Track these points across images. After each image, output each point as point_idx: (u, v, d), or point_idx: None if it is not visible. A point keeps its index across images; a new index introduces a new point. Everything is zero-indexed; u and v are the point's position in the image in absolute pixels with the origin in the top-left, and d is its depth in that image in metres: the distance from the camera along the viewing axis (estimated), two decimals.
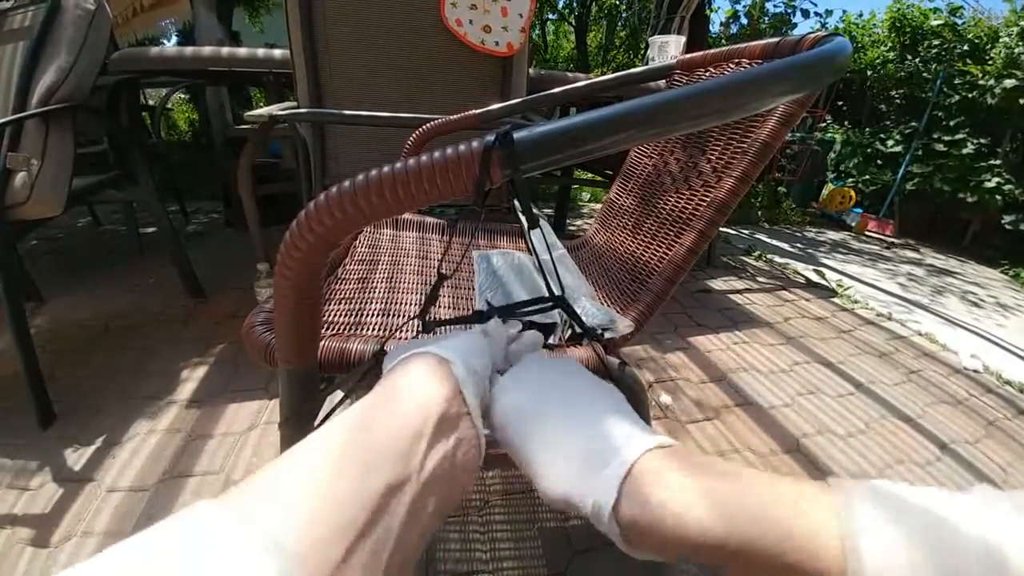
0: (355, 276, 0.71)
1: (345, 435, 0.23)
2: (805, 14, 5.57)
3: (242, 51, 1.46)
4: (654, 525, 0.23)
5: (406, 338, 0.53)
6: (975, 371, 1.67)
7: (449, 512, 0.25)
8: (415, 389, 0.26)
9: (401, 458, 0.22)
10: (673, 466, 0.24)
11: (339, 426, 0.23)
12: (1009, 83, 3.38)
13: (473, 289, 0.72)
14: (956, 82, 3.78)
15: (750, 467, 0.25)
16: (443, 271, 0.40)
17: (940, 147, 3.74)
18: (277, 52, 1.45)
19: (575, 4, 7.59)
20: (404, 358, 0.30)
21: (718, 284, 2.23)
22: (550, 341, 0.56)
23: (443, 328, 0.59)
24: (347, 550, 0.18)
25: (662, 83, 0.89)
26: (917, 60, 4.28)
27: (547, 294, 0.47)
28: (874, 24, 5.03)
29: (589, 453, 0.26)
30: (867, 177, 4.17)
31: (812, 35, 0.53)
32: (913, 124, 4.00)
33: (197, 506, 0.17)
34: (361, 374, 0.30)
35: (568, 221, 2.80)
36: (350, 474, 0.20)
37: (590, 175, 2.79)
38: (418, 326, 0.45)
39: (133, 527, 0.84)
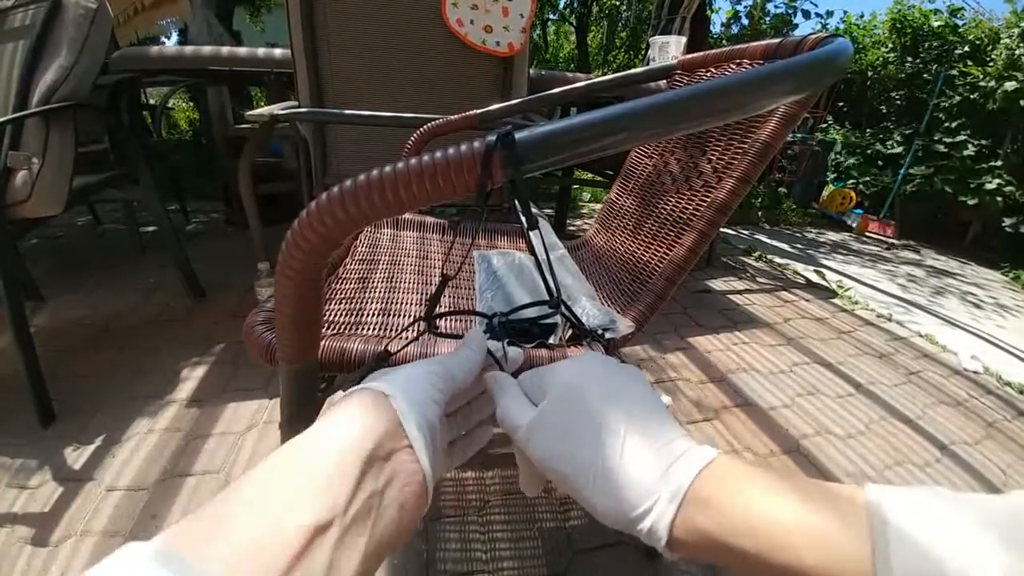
0: (355, 276, 0.71)
1: (271, 474, 0.22)
2: (806, 15, 5.58)
3: (242, 50, 1.46)
4: (709, 548, 0.24)
5: (407, 338, 0.53)
6: (975, 372, 1.67)
7: (390, 551, 0.24)
8: (343, 426, 0.25)
9: (322, 498, 0.21)
10: (726, 486, 0.25)
11: (267, 465, 0.23)
12: (1010, 86, 3.38)
13: (473, 289, 0.72)
14: (957, 83, 3.78)
15: (795, 475, 0.25)
16: (446, 272, 0.40)
17: (941, 148, 3.74)
18: (277, 51, 1.45)
19: (576, 4, 7.59)
20: (342, 396, 0.29)
21: (718, 284, 2.23)
22: (551, 341, 0.56)
23: (446, 325, 0.59)
24: None
25: (663, 83, 0.89)
26: (918, 61, 4.28)
27: (545, 292, 0.47)
28: (875, 25, 5.04)
29: (644, 482, 0.26)
30: (868, 178, 4.18)
31: (813, 36, 0.53)
32: (914, 125, 4.00)
33: (128, 550, 0.18)
34: (362, 376, 0.30)
35: (568, 221, 2.80)
36: (271, 516, 0.20)
37: (590, 175, 2.79)
38: (421, 327, 0.45)
39: (132, 526, 0.84)
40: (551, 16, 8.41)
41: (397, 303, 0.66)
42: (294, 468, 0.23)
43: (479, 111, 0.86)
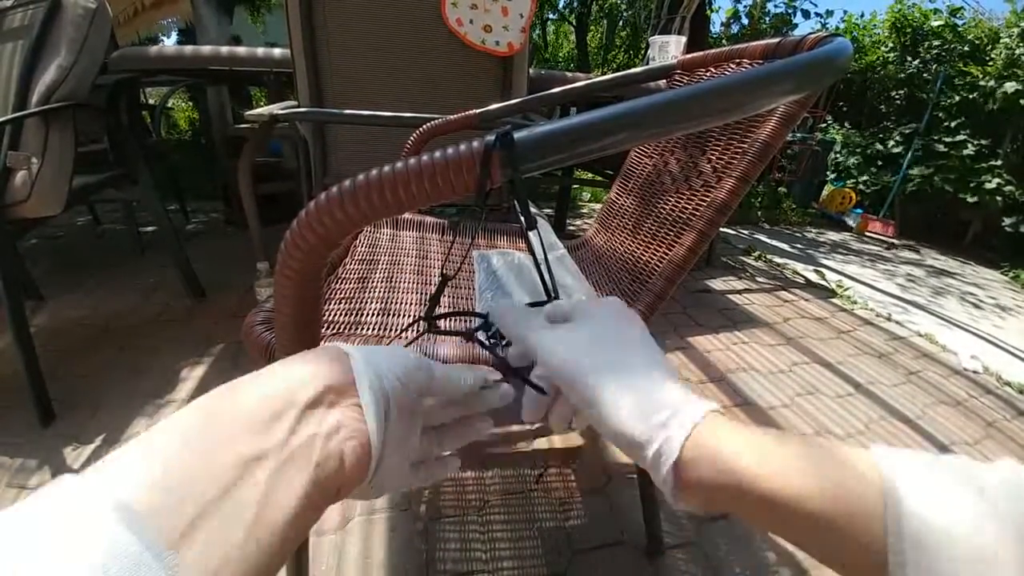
0: (355, 275, 0.71)
1: (205, 408, 0.22)
2: (806, 14, 5.57)
3: (242, 50, 1.46)
4: (716, 479, 0.24)
5: (407, 337, 0.53)
6: (975, 372, 1.67)
7: (328, 502, 0.24)
8: (292, 367, 0.25)
9: (259, 432, 0.21)
10: (731, 429, 0.25)
11: (204, 399, 0.23)
12: (1010, 87, 3.38)
13: (473, 289, 0.72)
14: (956, 83, 3.78)
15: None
16: (446, 272, 0.40)
17: (940, 148, 3.74)
18: (277, 51, 1.45)
19: (575, 4, 7.59)
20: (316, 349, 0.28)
21: (718, 284, 2.23)
22: None
23: (447, 325, 0.59)
24: (193, 519, 0.18)
25: (663, 83, 0.89)
26: (918, 61, 4.28)
27: (544, 293, 0.47)
28: (875, 25, 5.03)
29: (655, 403, 0.26)
30: (867, 178, 4.18)
31: (813, 35, 0.53)
32: (913, 125, 4.00)
33: (58, 480, 0.18)
34: None
35: (568, 221, 2.80)
36: (202, 447, 0.20)
37: (590, 175, 2.79)
38: (421, 327, 0.45)
39: None
40: (551, 16, 8.40)
41: (397, 303, 0.66)
42: (230, 404, 0.22)
43: (478, 111, 0.86)
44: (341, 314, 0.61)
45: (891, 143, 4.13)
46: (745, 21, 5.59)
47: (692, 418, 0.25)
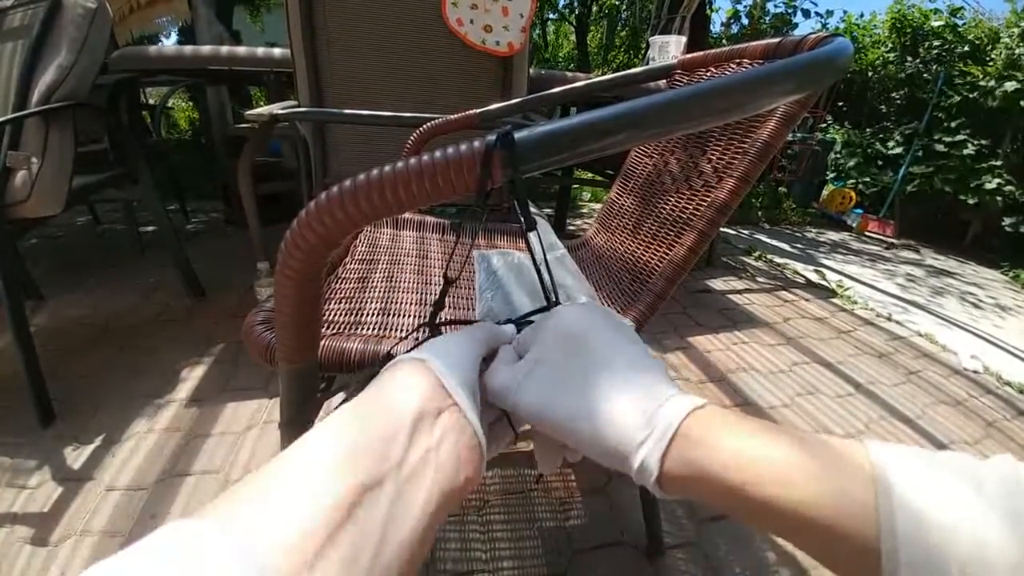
0: (355, 275, 0.71)
1: (322, 440, 0.23)
2: (806, 14, 5.57)
3: (241, 50, 1.46)
4: (700, 481, 0.24)
5: (408, 339, 0.53)
6: (975, 372, 1.67)
7: (455, 504, 0.25)
8: (387, 391, 0.26)
9: (376, 456, 0.22)
10: (716, 427, 0.25)
11: (317, 432, 0.23)
12: (1010, 86, 3.38)
13: (473, 289, 0.72)
14: (957, 83, 3.78)
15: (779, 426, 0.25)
16: (449, 275, 0.40)
17: (941, 148, 3.74)
18: (276, 51, 1.45)
19: (575, 4, 7.59)
20: (382, 370, 0.29)
21: (718, 284, 2.23)
22: None
23: (448, 330, 0.59)
24: (318, 550, 0.18)
25: (663, 83, 0.89)
26: (918, 61, 4.28)
27: (544, 298, 0.47)
28: (875, 25, 5.03)
29: (629, 423, 0.26)
30: (867, 178, 4.17)
31: (813, 35, 0.53)
32: (913, 125, 4.00)
33: (178, 525, 0.18)
34: (367, 378, 0.29)
35: (568, 221, 2.80)
36: (323, 477, 0.20)
37: (590, 175, 2.79)
38: (425, 332, 0.45)
39: (132, 526, 0.84)
40: (551, 16, 8.40)
41: (397, 303, 0.66)
42: (343, 433, 0.23)
43: (479, 111, 0.86)
44: (341, 314, 0.61)
45: (891, 143, 4.13)
46: (745, 21, 5.59)
47: (668, 430, 0.25)
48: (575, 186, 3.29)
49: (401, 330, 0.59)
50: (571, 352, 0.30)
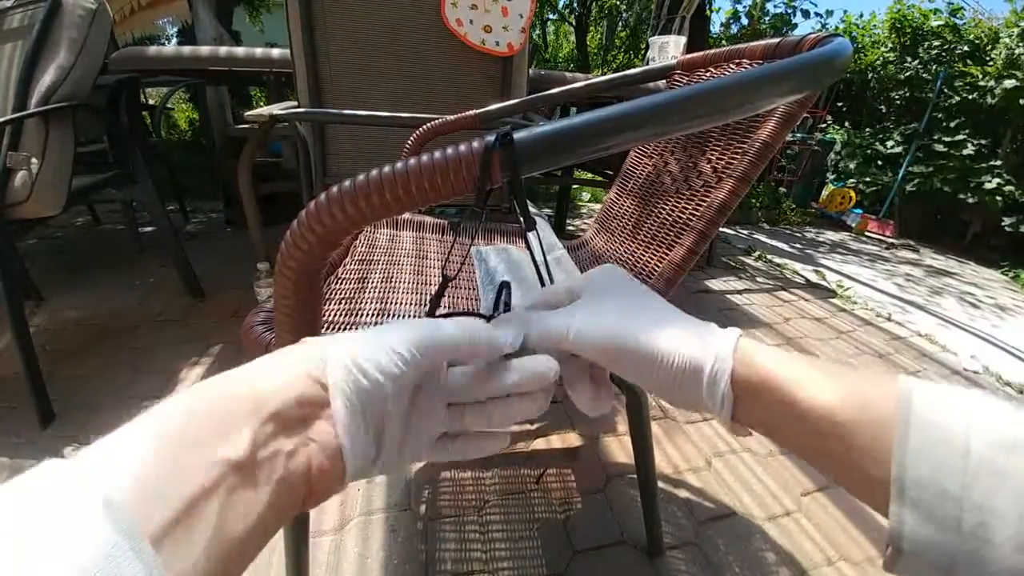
0: (355, 276, 0.71)
1: (184, 404, 0.22)
2: (805, 14, 5.58)
3: (240, 50, 1.45)
4: (768, 385, 0.25)
5: None
6: (975, 372, 1.67)
7: (292, 510, 0.23)
8: (269, 372, 0.24)
9: (228, 440, 0.21)
10: (762, 348, 0.27)
11: (184, 395, 0.23)
12: (1009, 83, 3.38)
13: (472, 288, 0.72)
14: (956, 83, 3.78)
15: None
16: (447, 274, 0.40)
17: (940, 148, 3.74)
18: (276, 52, 1.45)
19: (575, 4, 7.59)
20: (292, 347, 0.27)
21: (717, 284, 2.23)
22: None
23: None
24: (167, 522, 0.18)
25: (663, 83, 0.89)
26: (917, 61, 4.29)
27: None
28: (874, 25, 5.04)
29: (698, 334, 0.28)
30: (867, 178, 4.18)
31: (813, 36, 0.53)
32: (913, 125, 4.00)
33: (46, 465, 0.18)
34: None
35: (568, 221, 2.80)
36: (178, 444, 0.20)
37: (590, 175, 2.79)
38: None
39: None
40: (551, 16, 8.41)
41: (396, 303, 0.66)
42: (206, 405, 0.22)
43: (478, 111, 0.86)
44: (340, 314, 0.61)
45: (891, 143, 4.13)
46: (745, 21, 5.60)
47: (732, 336, 0.28)
48: (574, 186, 3.29)
49: None
50: (621, 294, 0.33)
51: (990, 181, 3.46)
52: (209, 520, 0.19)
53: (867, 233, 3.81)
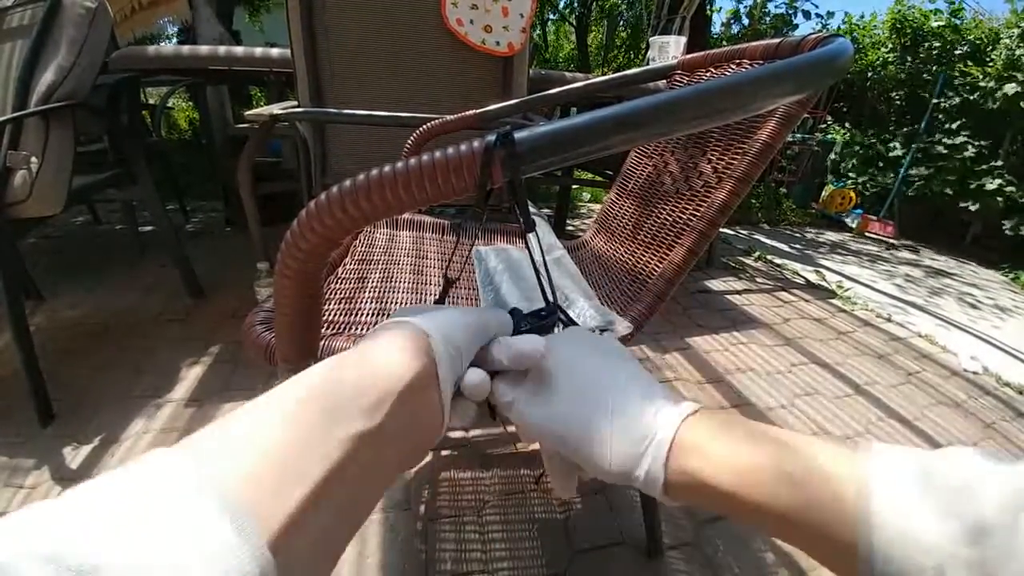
0: (355, 276, 0.71)
1: (307, 387, 0.22)
2: (806, 15, 5.57)
3: (240, 50, 1.45)
4: (697, 490, 0.25)
5: None
6: (974, 373, 1.67)
7: (403, 471, 0.27)
8: (387, 356, 0.26)
9: (366, 415, 0.22)
10: (710, 433, 0.26)
11: (304, 377, 0.23)
12: (1010, 88, 3.38)
13: (472, 288, 0.72)
14: (957, 84, 3.78)
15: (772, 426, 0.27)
16: (449, 275, 0.40)
17: (941, 149, 3.74)
18: (275, 51, 1.45)
19: (576, 4, 7.59)
20: (384, 324, 0.29)
21: (717, 285, 2.23)
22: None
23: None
24: (301, 502, 0.17)
25: (663, 84, 0.89)
26: (918, 61, 4.28)
27: (541, 295, 0.48)
28: (875, 25, 5.03)
29: (631, 436, 0.28)
30: (867, 178, 4.17)
31: (813, 36, 0.53)
32: (914, 126, 4.00)
33: (154, 455, 0.17)
34: None
35: (568, 221, 2.80)
36: (309, 423, 0.20)
37: (590, 175, 2.79)
38: None
39: None
40: (551, 16, 8.41)
41: (396, 303, 0.66)
42: (335, 385, 0.23)
43: (478, 111, 0.86)
44: (340, 314, 0.61)
45: (891, 144, 4.13)
46: (745, 21, 5.60)
47: (664, 442, 0.26)
48: (575, 186, 3.29)
49: None
50: (568, 376, 0.31)
51: (991, 182, 3.45)
52: (353, 501, 0.20)
53: (867, 234, 3.81)
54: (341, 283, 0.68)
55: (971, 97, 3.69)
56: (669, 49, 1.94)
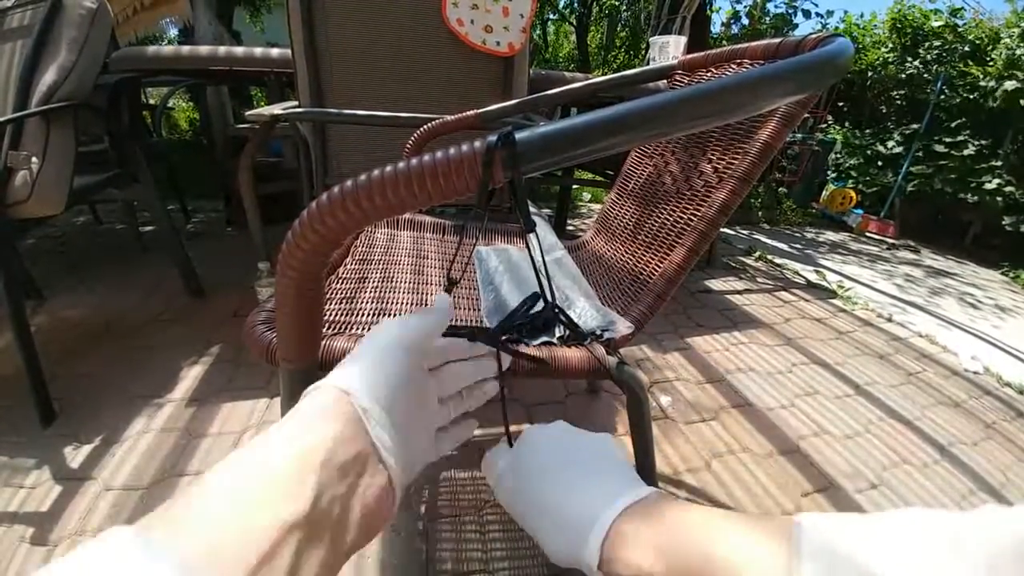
0: (355, 275, 0.71)
1: (239, 466, 0.23)
2: (806, 15, 5.57)
3: (240, 50, 1.45)
4: None
5: None
6: (975, 373, 1.67)
7: (357, 547, 0.25)
8: (303, 429, 0.25)
9: (289, 497, 0.22)
10: (643, 526, 0.29)
11: (234, 457, 0.23)
12: (1010, 85, 3.38)
13: (472, 288, 0.72)
14: (957, 83, 3.78)
15: (715, 509, 0.29)
16: (452, 276, 0.41)
17: (941, 148, 3.74)
18: (275, 52, 1.45)
19: (576, 4, 7.60)
20: (308, 391, 0.29)
21: (718, 284, 2.23)
22: (556, 335, 0.56)
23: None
24: (250, 568, 0.18)
25: (663, 84, 0.89)
26: (918, 61, 4.28)
27: (541, 295, 0.48)
28: (875, 25, 5.03)
29: (578, 523, 0.31)
30: (867, 178, 4.17)
31: (814, 36, 0.53)
32: (914, 125, 4.00)
33: (112, 533, 0.19)
34: None
35: (568, 221, 2.80)
36: (243, 509, 0.21)
37: (590, 175, 2.79)
38: None
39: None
40: (551, 16, 8.41)
41: (395, 303, 0.66)
42: (261, 466, 0.23)
43: (479, 111, 0.86)
44: (342, 314, 0.61)
45: (891, 143, 4.13)
46: (745, 21, 5.60)
47: (602, 532, 0.29)
48: (575, 186, 3.29)
49: None
50: (532, 468, 0.36)
51: (991, 181, 3.45)
52: None
53: (867, 233, 3.81)
54: (341, 283, 0.68)
55: (971, 97, 3.69)
56: (669, 49, 1.94)
